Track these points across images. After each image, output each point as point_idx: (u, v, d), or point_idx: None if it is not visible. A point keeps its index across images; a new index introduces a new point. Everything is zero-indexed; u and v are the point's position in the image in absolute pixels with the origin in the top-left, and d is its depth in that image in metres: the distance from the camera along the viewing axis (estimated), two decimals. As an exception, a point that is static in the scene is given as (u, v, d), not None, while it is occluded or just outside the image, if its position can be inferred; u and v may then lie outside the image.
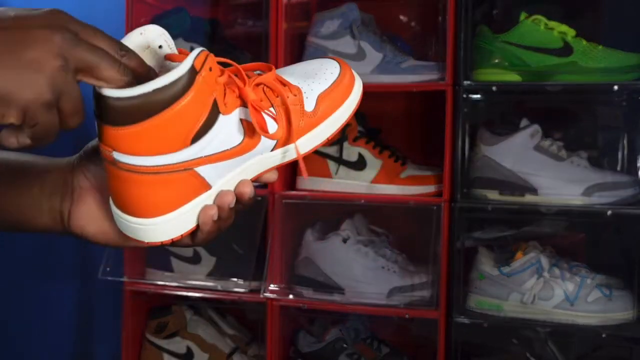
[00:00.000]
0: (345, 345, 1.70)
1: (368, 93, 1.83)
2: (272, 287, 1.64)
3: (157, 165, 0.57)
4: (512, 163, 1.53)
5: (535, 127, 1.53)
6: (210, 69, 0.57)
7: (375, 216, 1.74)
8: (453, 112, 1.53)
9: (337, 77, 0.70)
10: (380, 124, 1.73)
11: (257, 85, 0.64)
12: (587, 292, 1.48)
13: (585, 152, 1.55)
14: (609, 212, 1.45)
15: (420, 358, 1.75)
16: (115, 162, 0.57)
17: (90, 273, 1.96)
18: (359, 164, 1.64)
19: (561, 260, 1.54)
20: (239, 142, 0.62)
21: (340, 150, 1.65)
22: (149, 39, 0.60)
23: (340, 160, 1.65)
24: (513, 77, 1.53)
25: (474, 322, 1.53)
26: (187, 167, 0.59)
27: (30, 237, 2.02)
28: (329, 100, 0.69)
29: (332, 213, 1.74)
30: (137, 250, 1.80)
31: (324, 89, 0.69)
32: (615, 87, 1.50)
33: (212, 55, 0.58)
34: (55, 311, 2.15)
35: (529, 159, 1.52)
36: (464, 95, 1.52)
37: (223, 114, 0.60)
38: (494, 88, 1.56)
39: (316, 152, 1.66)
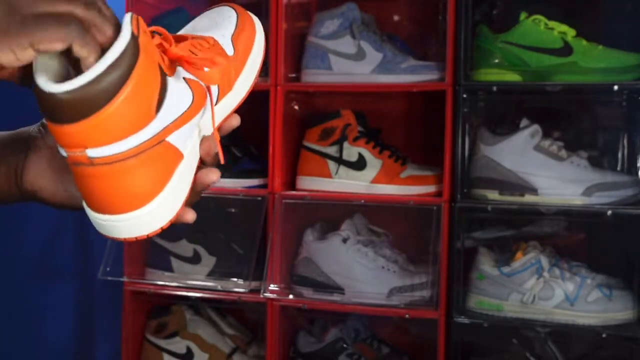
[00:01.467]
0: (345, 345, 1.70)
1: (368, 93, 1.84)
2: (272, 287, 1.64)
3: (135, 146, 0.54)
4: (512, 163, 1.53)
5: (535, 127, 1.53)
6: (145, 32, 0.55)
7: (375, 216, 1.73)
8: (453, 112, 1.53)
9: (238, 18, 0.71)
10: (380, 124, 1.73)
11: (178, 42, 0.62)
12: (587, 292, 1.48)
13: (585, 152, 1.55)
14: (609, 212, 1.45)
15: (420, 358, 1.75)
16: (91, 162, 0.53)
17: (90, 273, 1.96)
18: (359, 164, 1.64)
19: (561, 260, 1.54)
20: (191, 100, 0.60)
21: (340, 150, 1.65)
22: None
23: (340, 160, 1.65)
24: (513, 77, 1.53)
25: (474, 322, 1.52)
26: (160, 140, 0.56)
27: (31, 237, 2.02)
28: (243, 38, 0.70)
29: (332, 213, 1.74)
30: (137, 250, 1.80)
31: (233, 31, 0.69)
32: (615, 87, 1.50)
33: (140, 17, 0.56)
34: (56, 311, 2.15)
35: (529, 159, 1.52)
36: (464, 95, 1.52)
37: (169, 76, 0.58)
38: (494, 88, 1.56)
39: (316, 152, 1.67)
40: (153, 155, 0.56)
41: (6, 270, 2.20)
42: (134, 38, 0.52)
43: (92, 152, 0.52)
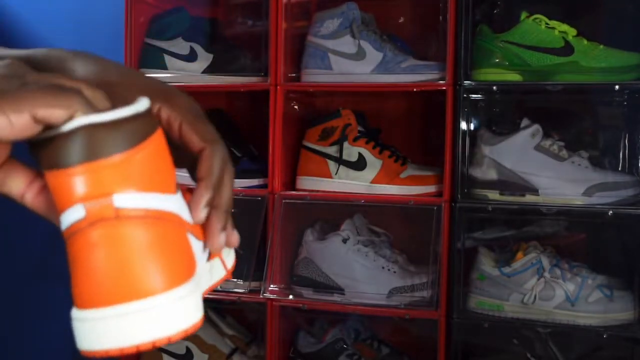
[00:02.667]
0: (345, 346, 1.69)
1: (368, 93, 1.84)
2: (272, 287, 1.64)
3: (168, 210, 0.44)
4: (512, 163, 1.52)
5: (536, 127, 1.53)
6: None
7: (375, 216, 1.73)
8: (453, 112, 1.52)
9: None
10: (380, 124, 1.73)
11: None
12: (588, 292, 1.48)
13: (586, 152, 1.54)
14: (610, 212, 1.45)
15: (420, 358, 1.75)
16: (117, 214, 0.41)
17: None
18: (359, 164, 1.64)
19: (562, 261, 1.54)
20: None
21: (340, 150, 1.65)
22: None
23: (340, 160, 1.65)
24: (513, 76, 1.53)
25: (474, 323, 1.52)
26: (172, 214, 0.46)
27: (31, 237, 2.02)
28: None
29: (332, 213, 1.73)
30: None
31: None
32: (616, 87, 1.49)
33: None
34: (56, 311, 2.15)
35: (530, 158, 1.52)
36: (464, 95, 1.52)
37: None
38: (494, 88, 1.55)
39: (316, 152, 1.67)
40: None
41: (7, 271, 2.20)
42: (152, 114, 0.47)
43: (124, 200, 0.41)
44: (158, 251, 0.42)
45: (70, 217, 0.41)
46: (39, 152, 0.43)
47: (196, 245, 0.48)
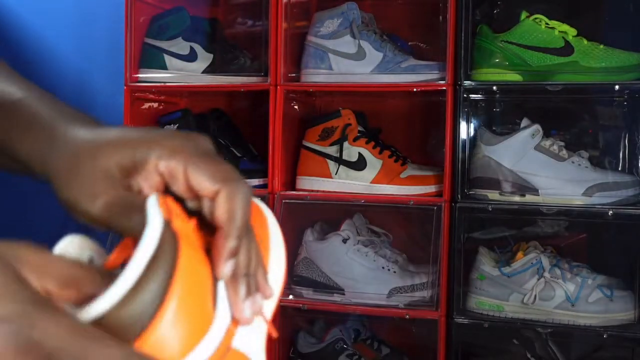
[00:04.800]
0: (345, 346, 1.69)
1: (368, 93, 1.84)
2: (272, 287, 1.64)
3: None
4: (512, 163, 1.52)
5: (536, 127, 1.53)
6: (178, 215, 0.42)
7: (375, 216, 1.73)
8: (453, 112, 1.52)
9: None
10: (380, 124, 1.73)
11: None
12: (588, 292, 1.48)
13: (586, 151, 1.54)
14: (610, 212, 1.45)
15: (420, 359, 1.75)
16: None
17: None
18: (359, 164, 1.64)
19: (562, 261, 1.54)
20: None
21: (340, 150, 1.64)
22: (72, 255, 0.42)
23: (340, 160, 1.64)
24: (513, 76, 1.53)
25: (474, 323, 1.52)
26: (227, 346, 0.41)
27: (34, 237, 2.01)
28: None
29: (332, 213, 1.73)
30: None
31: None
32: (617, 87, 1.49)
33: (169, 196, 0.42)
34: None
35: (530, 158, 1.52)
36: (464, 95, 1.52)
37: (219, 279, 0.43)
38: (494, 88, 1.55)
39: (316, 152, 1.66)
40: None
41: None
42: (167, 226, 0.38)
43: None
44: None
45: None
46: None
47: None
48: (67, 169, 0.46)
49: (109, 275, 0.38)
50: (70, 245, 0.42)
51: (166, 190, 0.45)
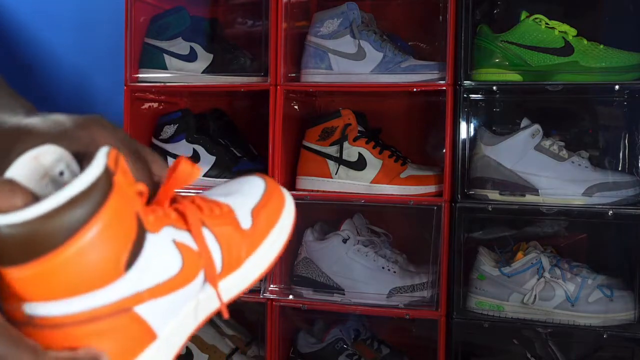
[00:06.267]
0: (345, 346, 1.69)
1: (368, 93, 1.84)
2: (272, 287, 1.64)
3: (89, 309, 0.41)
4: (512, 163, 1.52)
5: (536, 127, 1.53)
6: (124, 172, 0.44)
7: (375, 216, 1.73)
8: (453, 112, 1.52)
9: (265, 190, 0.59)
10: (380, 124, 1.73)
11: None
12: (588, 292, 1.48)
13: (586, 151, 1.54)
14: (610, 212, 1.45)
15: (420, 358, 1.75)
16: (29, 321, 0.41)
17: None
18: (359, 164, 1.64)
19: (562, 261, 1.54)
20: (179, 268, 0.48)
21: (340, 150, 1.64)
22: (45, 164, 0.44)
23: (340, 160, 1.64)
24: (514, 76, 1.53)
25: (474, 323, 1.52)
26: (126, 307, 0.43)
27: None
28: (265, 213, 0.57)
29: (332, 213, 1.73)
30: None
31: (256, 203, 0.57)
32: (617, 87, 1.49)
33: (122, 156, 0.45)
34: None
35: (530, 158, 1.52)
36: (464, 95, 1.52)
37: (150, 232, 0.45)
38: (494, 88, 1.55)
39: (316, 152, 1.66)
40: (110, 328, 0.43)
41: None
42: (108, 174, 0.42)
43: (30, 309, 0.40)
44: None
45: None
46: None
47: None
48: None
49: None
50: (45, 155, 0.44)
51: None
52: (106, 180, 0.41)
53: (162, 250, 0.46)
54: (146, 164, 0.50)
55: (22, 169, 0.44)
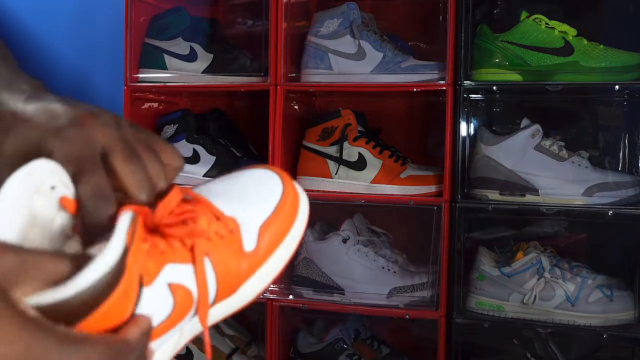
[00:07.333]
0: (345, 346, 1.69)
1: (368, 93, 1.84)
2: (272, 287, 1.64)
3: None
4: (512, 163, 1.52)
5: (536, 127, 1.53)
6: (139, 238, 0.44)
7: (375, 216, 1.73)
8: (453, 112, 1.52)
9: (281, 197, 0.54)
10: (380, 124, 1.73)
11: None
12: (588, 292, 1.48)
13: (586, 151, 1.54)
14: (610, 212, 1.45)
15: (420, 358, 1.75)
16: None
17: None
18: (359, 164, 1.64)
19: (562, 261, 1.54)
20: (168, 313, 0.48)
21: (340, 150, 1.64)
22: (38, 180, 0.45)
23: (340, 160, 1.64)
24: (513, 76, 1.53)
25: (474, 323, 1.52)
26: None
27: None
28: (273, 230, 0.53)
29: (332, 213, 1.73)
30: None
31: (266, 218, 0.53)
32: (617, 87, 1.49)
33: (138, 214, 0.44)
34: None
35: (530, 158, 1.52)
36: (464, 95, 1.52)
37: (145, 286, 0.45)
38: (494, 88, 1.55)
39: (316, 152, 1.66)
40: None
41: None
42: (124, 255, 0.43)
43: None
44: None
45: None
46: None
47: None
48: None
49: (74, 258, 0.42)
50: (39, 171, 0.45)
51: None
52: (121, 262, 0.42)
53: (154, 299, 0.46)
54: (156, 154, 0.50)
55: (17, 185, 0.44)
